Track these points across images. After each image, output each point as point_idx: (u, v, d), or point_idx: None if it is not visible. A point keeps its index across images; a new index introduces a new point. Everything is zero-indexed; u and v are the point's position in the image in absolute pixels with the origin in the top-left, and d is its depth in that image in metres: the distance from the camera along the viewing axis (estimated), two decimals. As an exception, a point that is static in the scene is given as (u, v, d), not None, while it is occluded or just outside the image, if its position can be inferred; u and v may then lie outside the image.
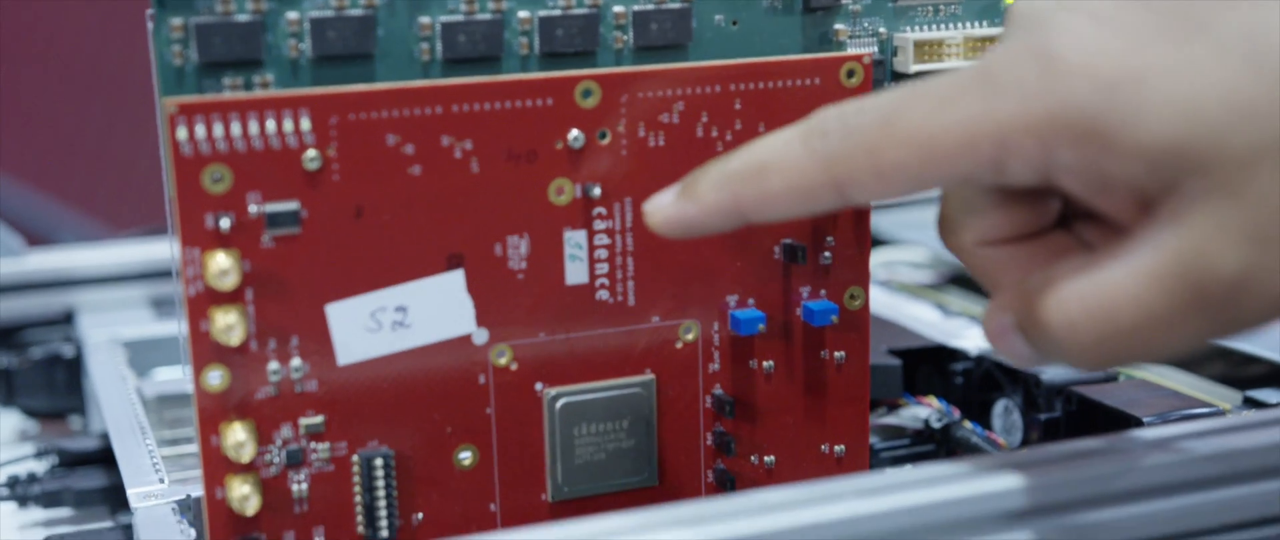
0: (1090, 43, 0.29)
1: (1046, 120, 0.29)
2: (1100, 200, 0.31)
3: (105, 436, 0.48)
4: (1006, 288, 0.33)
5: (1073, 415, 0.47)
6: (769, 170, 0.32)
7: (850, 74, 0.39)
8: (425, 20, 0.37)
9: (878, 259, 0.66)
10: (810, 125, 0.32)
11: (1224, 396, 0.49)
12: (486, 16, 0.37)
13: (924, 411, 0.50)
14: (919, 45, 0.40)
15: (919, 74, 0.40)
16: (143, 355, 0.56)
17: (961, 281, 0.65)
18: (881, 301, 0.60)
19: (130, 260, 0.61)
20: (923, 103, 0.31)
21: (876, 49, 0.40)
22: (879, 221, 0.69)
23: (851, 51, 0.40)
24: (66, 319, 0.60)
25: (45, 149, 1.35)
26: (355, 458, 0.37)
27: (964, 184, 0.33)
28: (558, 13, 0.37)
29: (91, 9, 1.32)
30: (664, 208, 0.34)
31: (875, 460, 0.48)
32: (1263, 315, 0.29)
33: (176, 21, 0.35)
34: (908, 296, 0.61)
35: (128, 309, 0.60)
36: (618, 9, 0.38)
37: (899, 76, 0.40)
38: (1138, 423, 0.44)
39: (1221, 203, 0.28)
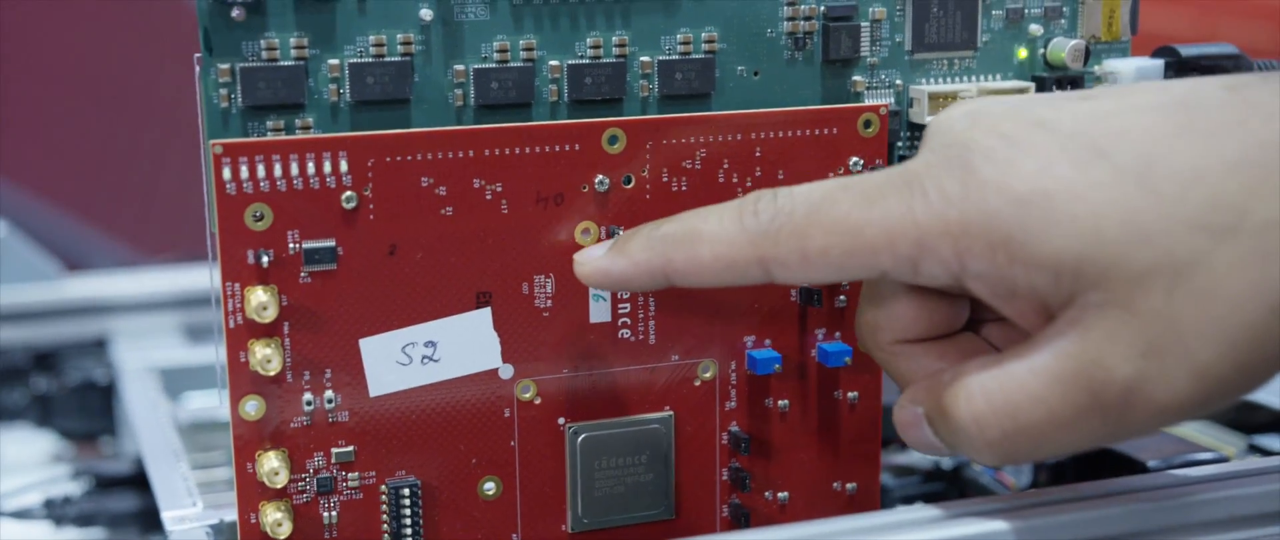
0: (1002, 160, 0.31)
1: (961, 226, 0.31)
2: (1006, 305, 0.32)
3: (138, 460, 0.49)
4: (918, 382, 0.35)
5: (1080, 458, 0.48)
6: (700, 238, 0.34)
7: (867, 124, 0.40)
8: (459, 67, 0.38)
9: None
10: (745, 202, 0.34)
11: (1229, 442, 0.50)
12: (518, 64, 0.38)
13: (935, 451, 0.51)
14: (934, 97, 0.41)
15: (934, 125, 0.42)
16: (175, 381, 0.57)
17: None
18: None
19: (164, 288, 0.63)
20: (850, 196, 0.33)
21: (893, 100, 0.42)
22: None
23: (869, 103, 0.41)
24: (100, 344, 0.61)
25: (82, 175, 1.37)
26: (384, 487, 0.38)
27: (880, 281, 0.35)
28: (587, 61, 0.39)
29: (130, 38, 1.34)
30: (594, 260, 0.36)
31: (887, 498, 0.49)
32: (1153, 420, 0.31)
33: (223, 66, 0.36)
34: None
35: (161, 335, 0.61)
36: (644, 58, 0.40)
37: (915, 127, 0.42)
38: (1143, 468, 0.45)
39: (1117, 315, 0.30)
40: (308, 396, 0.37)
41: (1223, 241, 0.29)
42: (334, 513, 0.38)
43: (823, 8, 0.41)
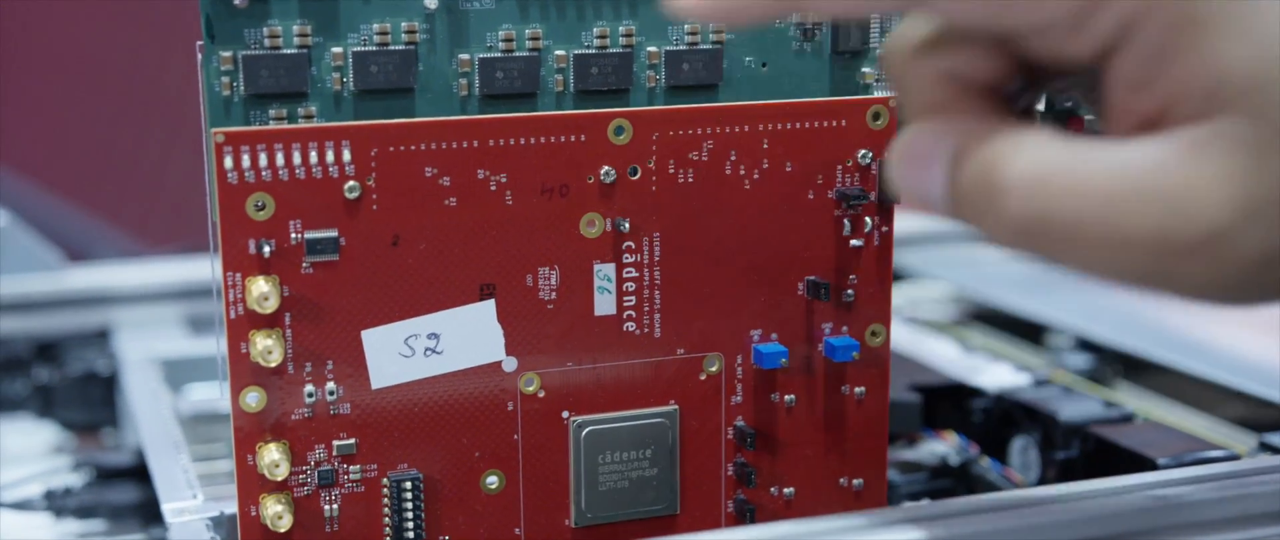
0: None
1: None
2: (1128, 95, 0.29)
3: (139, 452, 0.49)
4: (958, 118, 0.30)
5: (1089, 455, 0.48)
6: None
7: (876, 117, 0.40)
8: (464, 56, 0.38)
9: (901, 295, 0.67)
10: None
11: (1240, 440, 0.49)
12: (524, 54, 0.38)
13: (942, 447, 0.51)
14: (944, 90, 0.41)
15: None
16: (178, 373, 0.57)
17: (983, 318, 0.65)
18: (904, 337, 0.60)
19: (167, 279, 0.63)
20: None
21: (902, 92, 0.41)
22: (904, 258, 0.70)
23: (879, 95, 0.41)
24: (103, 335, 0.61)
25: (85, 164, 1.37)
26: (385, 480, 0.38)
27: (1033, 32, 0.29)
28: (593, 51, 0.39)
29: (134, 26, 1.34)
30: None
31: (893, 494, 0.49)
32: (1197, 284, 0.28)
33: (226, 54, 0.36)
34: (930, 332, 0.62)
35: (163, 326, 0.61)
36: (651, 49, 0.39)
37: (924, 120, 0.41)
38: (1153, 465, 0.45)
39: (1249, 158, 0.27)
40: (309, 388, 0.37)
41: None
42: (335, 506, 0.38)
43: (832, -2, 0.40)
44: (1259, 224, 0.27)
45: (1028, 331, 0.62)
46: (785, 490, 0.41)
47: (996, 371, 0.55)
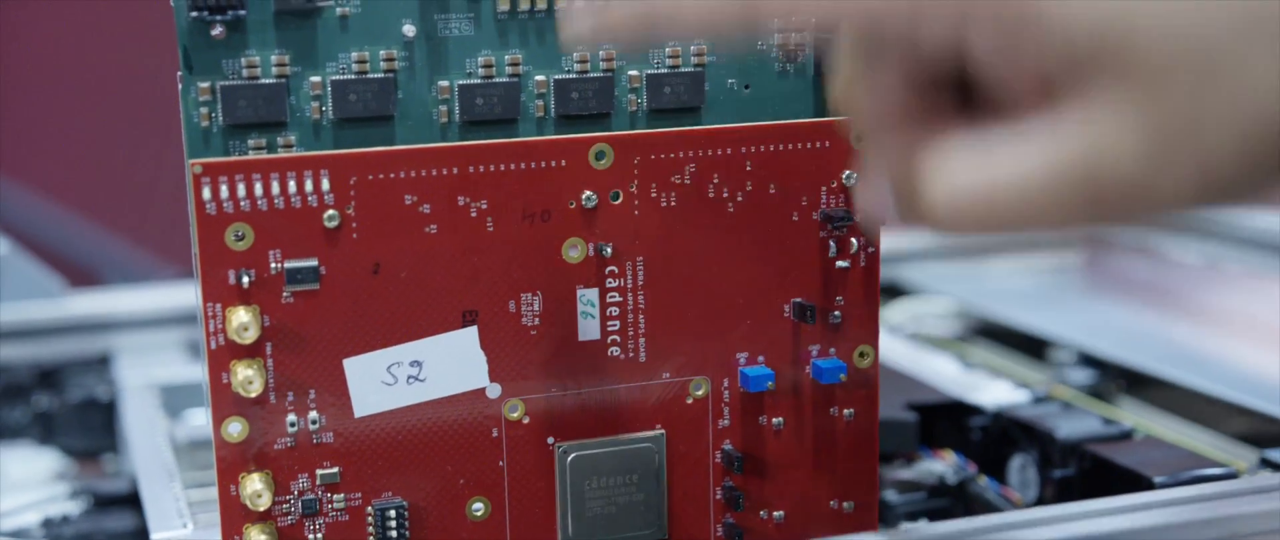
0: None
1: None
2: (1005, 83, 0.29)
3: (136, 479, 0.49)
4: (895, 142, 0.31)
5: (1087, 473, 0.47)
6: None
7: (860, 137, 0.40)
8: (444, 83, 0.38)
9: (905, 311, 0.66)
10: None
11: (1241, 456, 0.49)
12: (503, 80, 0.38)
13: (940, 466, 0.50)
14: (929, 109, 0.40)
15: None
16: (177, 399, 0.57)
17: (986, 333, 0.65)
18: (904, 354, 0.60)
19: (167, 305, 0.63)
20: None
21: (888, 112, 0.41)
22: (907, 273, 0.69)
23: (862, 115, 0.40)
24: (103, 361, 0.61)
25: (87, 187, 1.38)
26: (370, 508, 0.38)
27: (873, 40, 0.31)
28: (573, 76, 0.38)
29: (139, 47, 1.35)
30: (577, 9, 0.32)
31: (891, 514, 0.49)
32: (1146, 214, 0.29)
33: (204, 84, 0.36)
34: (931, 348, 0.62)
35: (164, 352, 0.61)
36: (632, 72, 0.39)
37: (910, 139, 0.41)
38: (1150, 483, 0.44)
39: (1135, 104, 0.28)
40: (291, 418, 0.37)
41: (1258, 39, 0.27)
42: (320, 534, 0.38)
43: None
44: (1177, 155, 0.28)
45: (1031, 347, 0.62)
46: (775, 514, 0.41)
47: (996, 388, 0.55)
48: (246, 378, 0.36)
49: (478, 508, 0.39)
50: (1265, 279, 0.66)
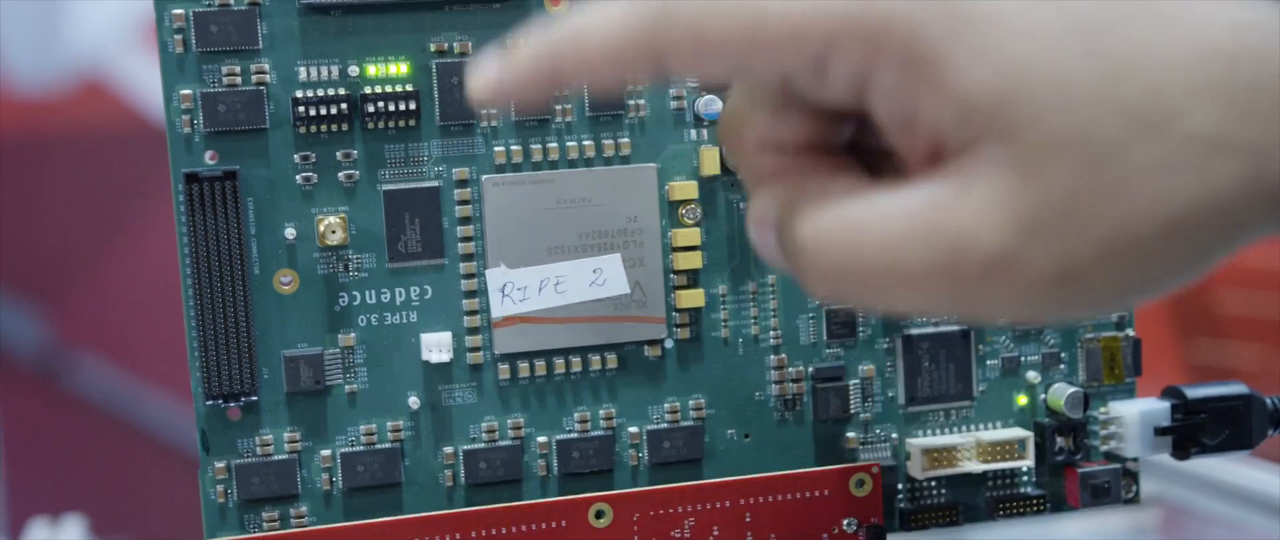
0: None
1: (881, 29, 0.28)
2: (901, 136, 0.29)
3: None
4: (781, 185, 0.31)
5: None
6: (588, 28, 0.31)
7: (860, 483, 0.40)
8: (449, 450, 0.39)
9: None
10: None
11: None
12: (506, 443, 0.40)
13: None
14: (928, 451, 0.41)
15: (930, 481, 0.42)
16: None
17: None
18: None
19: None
20: None
21: (890, 454, 0.42)
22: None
23: (862, 462, 0.41)
24: None
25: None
26: None
27: (775, 82, 0.31)
28: (575, 435, 0.40)
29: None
30: (485, 71, 0.32)
31: None
32: (1004, 306, 0.28)
33: (220, 465, 0.38)
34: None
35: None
36: (632, 430, 0.40)
37: (912, 481, 0.42)
38: None
39: (1012, 180, 0.27)
40: None
41: (1146, 138, 0.27)
42: None
43: (811, 369, 0.41)
44: (1041, 241, 0.27)
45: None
46: None
47: None
48: None
49: None
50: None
